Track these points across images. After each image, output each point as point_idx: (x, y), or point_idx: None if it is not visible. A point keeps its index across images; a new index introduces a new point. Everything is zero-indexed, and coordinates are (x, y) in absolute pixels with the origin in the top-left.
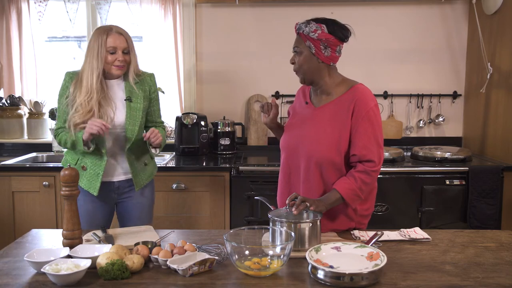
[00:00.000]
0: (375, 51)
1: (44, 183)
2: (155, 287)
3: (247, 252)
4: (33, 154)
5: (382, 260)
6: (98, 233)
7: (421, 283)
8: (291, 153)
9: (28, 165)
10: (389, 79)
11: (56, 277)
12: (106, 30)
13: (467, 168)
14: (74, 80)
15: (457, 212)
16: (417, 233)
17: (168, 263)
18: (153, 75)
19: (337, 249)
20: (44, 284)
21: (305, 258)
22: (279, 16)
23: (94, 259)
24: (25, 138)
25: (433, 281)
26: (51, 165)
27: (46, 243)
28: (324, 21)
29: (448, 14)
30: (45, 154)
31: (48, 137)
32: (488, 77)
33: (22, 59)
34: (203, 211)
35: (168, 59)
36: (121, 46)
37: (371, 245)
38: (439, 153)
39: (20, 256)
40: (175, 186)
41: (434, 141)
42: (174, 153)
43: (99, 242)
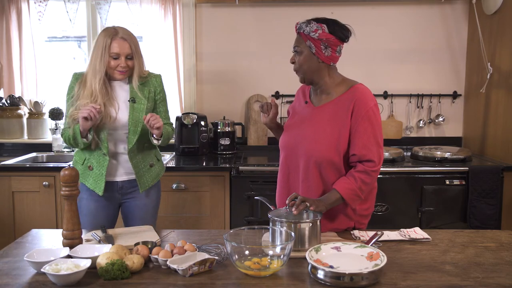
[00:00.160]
0: (375, 51)
1: (44, 183)
2: (155, 287)
3: (247, 252)
4: (33, 154)
5: (382, 260)
6: (98, 233)
7: (421, 283)
8: (290, 152)
9: (28, 165)
10: (389, 79)
11: (56, 277)
12: (111, 34)
13: (467, 168)
14: (79, 80)
15: (457, 212)
16: (417, 233)
17: (168, 263)
18: (159, 76)
19: (337, 249)
20: (44, 284)
21: (305, 258)
22: (279, 16)
23: (94, 259)
24: (25, 138)
25: (433, 281)
26: (51, 165)
27: (46, 243)
28: (324, 21)
29: (448, 14)
30: (45, 154)
31: (48, 137)
32: (488, 77)
33: (22, 59)
34: (203, 211)
35: (168, 59)
36: (124, 52)
37: (371, 245)
38: (439, 153)
39: (20, 256)
40: (175, 186)
41: (434, 141)
42: (174, 153)
43: (99, 242)
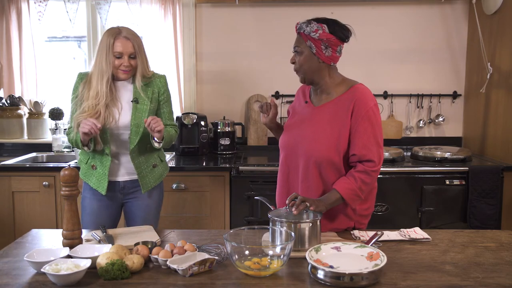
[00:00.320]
0: (375, 51)
1: (44, 183)
2: (155, 287)
3: (247, 252)
4: (33, 154)
5: (382, 260)
6: (98, 233)
7: (421, 283)
8: (290, 152)
9: (28, 165)
10: (389, 79)
11: (56, 277)
12: (115, 33)
13: (467, 168)
14: (84, 80)
15: (457, 212)
16: (417, 233)
17: (168, 263)
18: (163, 77)
19: (337, 249)
20: (44, 284)
21: (305, 258)
22: (279, 16)
23: (94, 259)
24: (25, 138)
25: (433, 281)
26: (51, 165)
27: (46, 243)
28: (325, 21)
29: (448, 14)
30: (45, 154)
31: (48, 137)
32: (488, 77)
33: (22, 59)
34: (203, 211)
35: (168, 59)
36: (127, 51)
37: (371, 245)
38: (439, 153)
39: (20, 256)
40: (175, 186)
41: (434, 141)
42: (174, 153)
43: (99, 242)
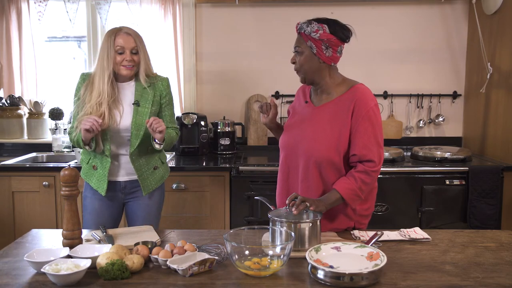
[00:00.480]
0: (375, 51)
1: (44, 183)
2: (155, 287)
3: (247, 252)
4: (33, 154)
5: (382, 260)
6: (98, 233)
7: (421, 283)
8: (290, 152)
9: (28, 165)
10: (389, 79)
11: (56, 277)
12: (115, 30)
13: (467, 168)
14: (86, 81)
15: (457, 212)
16: (417, 233)
17: (168, 263)
18: (166, 80)
19: (337, 249)
20: (44, 284)
21: (305, 258)
22: (279, 16)
23: (94, 259)
24: (25, 138)
25: (433, 281)
26: (51, 165)
27: (46, 243)
28: (325, 21)
29: (448, 14)
30: (45, 154)
31: (48, 137)
32: (488, 77)
33: (22, 59)
34: (203, 211)
35: (168, 59)
36: (129, 46)
37: (371, 245)
38: (439, 153)
39: (20, 256)
40: (175, 186)
41: (434, 141)
42: (174, 153)
43: (99, 242)
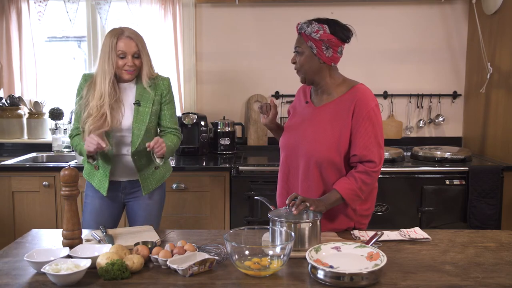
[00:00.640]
0: (375, 51)
1: (44, 183)
2: (155, 287)
3: (247, 252)
4: (33, 154)
5: (382, 260)
6: (98, 233)
7: (421, 283)
8: (291, 152)
9: (28, 165)
10: (389, 79)
11: (56, 277)
12: (117, 33)
13: (467, 168)
14: (88, 82)
15: (457, 212)
16: (417, 233)
17: (168, 263)
18: (167, 80)
19: (337, 249)
20: (44, 284)
21: (305, 258)
22: (279, 16)
23: (94, 259)
24: (25, 138)
25: (433, 281)
26: (51, 165)
27: (46, 243)
28: (326, 22)
29: (448, 14)
30: (45, 154)
31: (48, 137)
32: (488, 77)
33: (22, 59)
34: (203, 211)
35: (168, 59)
36: (131, 51)
37: (371, 245)
38: (439, 153)
39: (20, 256)
40: (175, 186)
41: (434, 141)
42: (174, 153)
43: (99, 242)
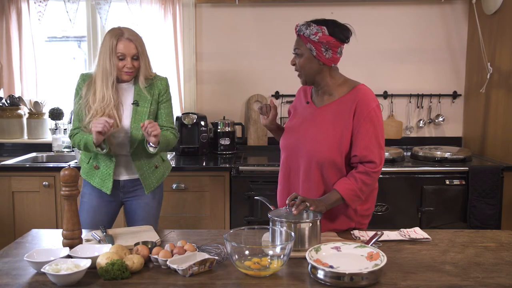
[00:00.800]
0: (375, 51)
1: (44, 183)
2: (155, 287)
3: (247, 252)
4: (33, 154)
5: (382, 260)
6: (98, 233)
7: (421, 283)
8: (292, 152)
9: (28, 165)
10: (389, 79)
11: (56, 277)
12: (117, 35)
13: (467, 168)
14: (87, 82)
15: (457, 212)
16: (417, 233)
17: (168, 263)
18: (165, 79)
19: (337, 249)
20: (44, 284)
21: (305, 258)
22: (279, 16)
23: (94, 259)
24: (25, 138)
25: (433, 281)
26: (51, 165)
27: (46, 243)
28: (324, 23)
29: (448, 14)
30: (45, 154)
31: (48, 137)
32: (488, 77)
33: (22, 59)
34: (203, 211)
35: (168, 59)
36: (130, 53)
37: (371, 245)
38: (439, 153)
39: (20, 256)
40: (175, 186)
41: (434, 141)
42: (174, 153)
43: (99, 242)
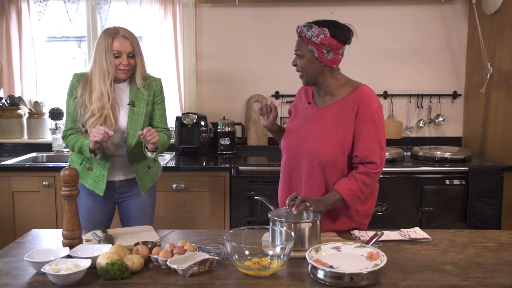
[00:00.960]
0: (375, 51)
1: (44, 183)
2: (155, 287)
3: (247, 252)
4: (33, 154)
5: (382, 260)
6: (98, 233)
7: (421, 283)
8: (293, 153)
9: (28, 165)
10: (389, 79)
11: (56, 277)
12: (113, 33)
13: (467, 168)
14: (82, 81)
15: (457, 212)
16: (417, 233)
17: (168, 263)
18: (159, 80)
19: (337, 249)
20: (44, 284)
21: (305, 258)
22: (279, 16)
23: (94, 259)
24: (25, 138)
25: (433, 281)
26: (51, 165)
27: (46, 243)
28: (325, 24)
29: (448, 14)
30: (45, 154)
31: (48, 137)
32: (488, 77)
33: (22, 59)
34: (203, 211)
35: (168, 59)
36: (126, 50)
37: (371, 245)
38: (439, 153)
39: (20, 256)
40: (175, 186)
41: (434, 141)
42: (174, 153)
43: (99, 242)
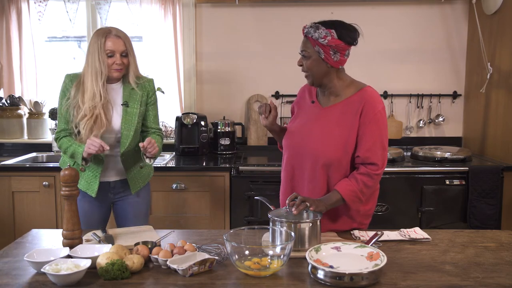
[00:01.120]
0: (375, 51)
1: (44, 183)
2: (155, 287)
3: (247, 252)
4: (33, 154)
5: (382, 260)
6: (98, 233)
7: (421, 283)
8: (295, 152)
9: (28, 165)
10: (389, 79)
11: (56, 277)
12: (105, 33)
13: (467, 168)
14: (75, 82)
15: (457, 212)
16: (417, 233)
17: (168, 263)
18: (152, 81)
19: (337, 249)
20: (44, 284)
21: (305, 258)
22: (279, 16)
23: (94, 259)
24: (25, 138)
25: (433, 281)
26: (51, 165)
27: (46, 243)
28: (332, 25)
29: (448, 14)
30: (45, 154)
31: (48, 137)
32: (488, 77)
33: (22, 59)
34: (203, 211)
35: (168, 59)
36: (119, 49)
37: (371, 245)
38: (439, 153)
39: (20, 256)
40: (175, 186)
41: (434, 141)
42: (174, 153)
43: (99, 242)
